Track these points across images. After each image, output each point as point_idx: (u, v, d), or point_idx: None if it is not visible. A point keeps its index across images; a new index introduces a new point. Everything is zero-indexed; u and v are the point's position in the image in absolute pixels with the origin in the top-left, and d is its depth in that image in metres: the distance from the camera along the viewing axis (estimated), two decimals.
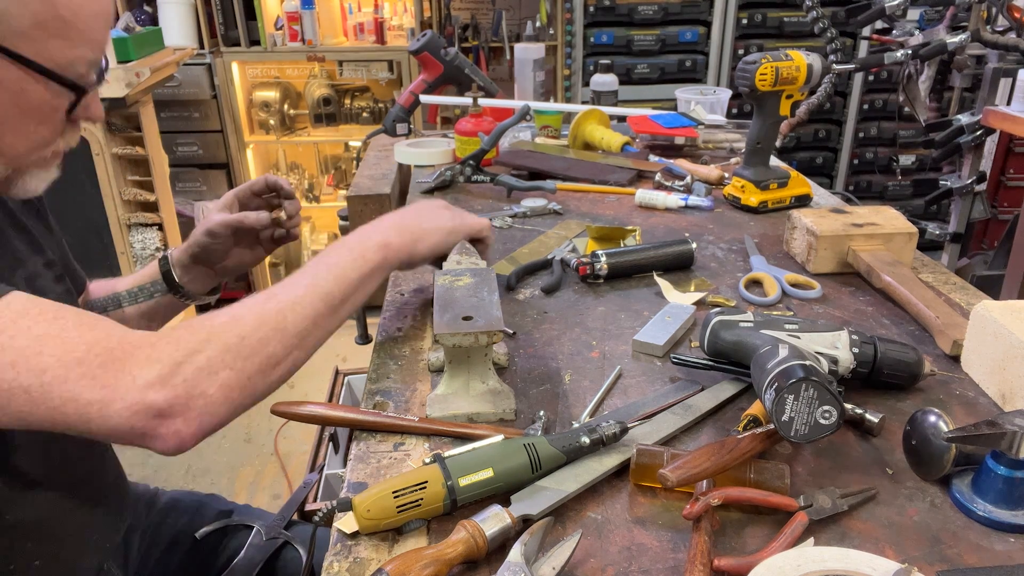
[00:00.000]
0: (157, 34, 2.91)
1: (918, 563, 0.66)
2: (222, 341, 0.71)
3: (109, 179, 2.58)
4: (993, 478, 0.72)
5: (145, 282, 1.10)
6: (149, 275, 1.11)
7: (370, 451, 0.83)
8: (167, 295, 1.10)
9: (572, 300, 1.16)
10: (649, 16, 3.43)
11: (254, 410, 0.75)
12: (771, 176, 1.50)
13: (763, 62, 1.38)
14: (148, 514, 1.15)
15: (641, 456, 0.76)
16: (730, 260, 1.29)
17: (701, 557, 0.65)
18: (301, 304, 0.79)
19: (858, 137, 3.72)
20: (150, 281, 1.10)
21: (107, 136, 2.55)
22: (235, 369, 0.71)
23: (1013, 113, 2.27)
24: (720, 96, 2.23)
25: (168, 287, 1.10)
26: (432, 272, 1.06)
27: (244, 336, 0.72)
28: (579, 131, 1.90)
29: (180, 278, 1.10)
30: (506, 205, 1.55)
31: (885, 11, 2.45)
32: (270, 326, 0.75)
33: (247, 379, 0.72)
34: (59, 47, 0.73)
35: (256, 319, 0.74)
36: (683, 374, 0.96)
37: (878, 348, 0.88)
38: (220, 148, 3.60)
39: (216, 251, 1.09)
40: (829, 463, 0.80)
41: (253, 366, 0.72)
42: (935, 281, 1.20)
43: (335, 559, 0.68)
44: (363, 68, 3.71)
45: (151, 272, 1.11)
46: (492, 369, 0.89)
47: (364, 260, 0.88)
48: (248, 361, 0.72)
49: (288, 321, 0.77)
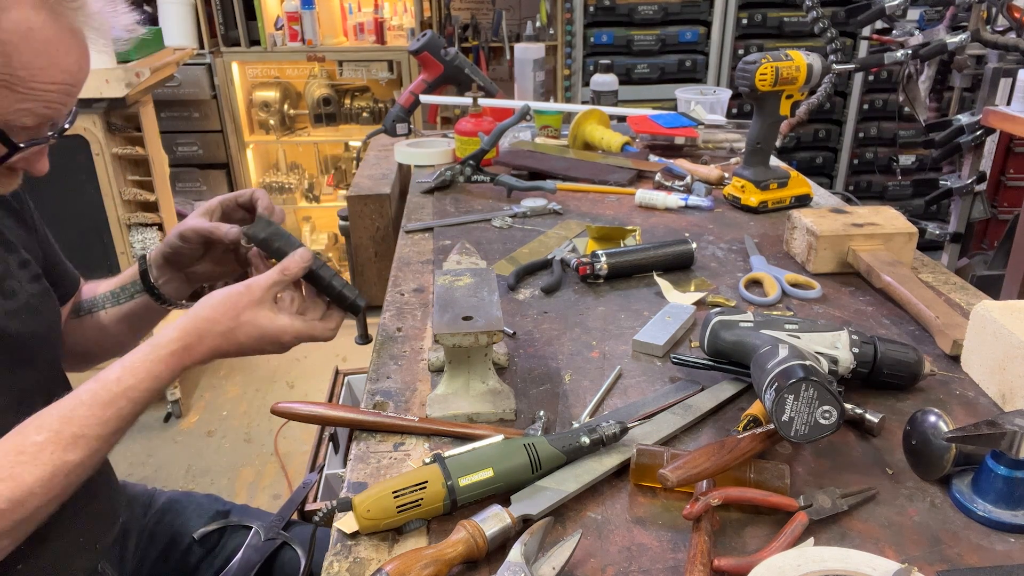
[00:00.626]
0: (157, 34, 2.91)
1: (918, 563, 0.66)
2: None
3: (109, 179, 2.58)
4: (993, 478, 0.72)
5: (127, 282, 1.07)
6: (130, 276, 1.08)
7: (370, 451, 0.83)
8: (144, 296, 1.06)
9: (572, 300, 1.16)
10: (649, 16, 3.43)
11: (254, 410, 0.75)
12: (771, 176, 1.50)
13: (763, 62, 1.38)
14: (145, 514, 1.14)
15: (641, 456, 0.76)
16: (730, 260, 1.29)
17: (701, 557, 0.65)
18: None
19: (858, 137, 3.72)
20: (131, 282, 1.07)
21: (107, 136, 2.54)
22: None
23: (1013, 113, 2.27)
24: (720, 96, 2.23)
25: (145, 288, 1.06)
26: (432, 272, 1.07)
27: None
28: (579, 131, 1.90)
29: (156, 279, 1.05)
30: (506, 205, 1.55)
31: (885, 11, 2.45)
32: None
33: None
34: (3, 97, 0.71)
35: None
36: (683, 374, 0.96)
37: (878, 348, 0.88)
38: (220, 148, 3.60)
39: (186, 256, 1.04)
40: (829, 463, 0.80)
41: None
42: (935, 281, 1.20)
43: (335, 559, 0.68)
44: (363, 68, 3.71)
45: (132, 273, 1.08)
46: (492, 369, 0.89)
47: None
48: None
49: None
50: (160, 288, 1.06)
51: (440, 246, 1.36)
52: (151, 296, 1.06)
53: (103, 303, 1.07)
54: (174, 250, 1.03)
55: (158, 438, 2.91)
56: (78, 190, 2.57)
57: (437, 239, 1.40)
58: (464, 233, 1.43)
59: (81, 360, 1.11)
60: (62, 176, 2.56)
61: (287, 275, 0.88)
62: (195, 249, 1.03)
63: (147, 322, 1.11)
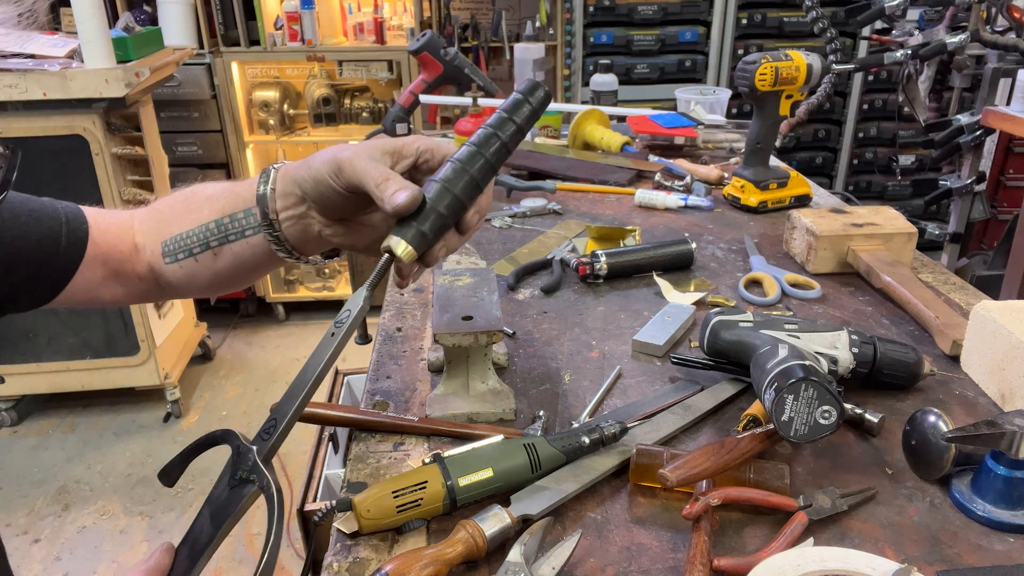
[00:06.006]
0: (157, 34, 2.91)
1: (918, 563, 0.66)
2: None
3: (109, 179, 2.58)
4: (993, 478, 0.72)
5: (225, 214, 0.75)
6: (230, 203, 0.75)
7: (370, 451, 0.83)
8: (256, 236, 0.74)
9: (572, 300, 1.16)
10: (649, 16, 3.43)
11: (254, 410, 0.75)
12: (771, 176, 1.50)
13: (763, 62, 1.38)
14: None
15: (641, 456, 0.76)
16: (730, 260, 1.29)
17: (701, 557, 0.65)
18: None
19: (858, 137, 3.72)
20: (234, 213, 0.74)
21: (107, 136, 2.54)
22: None
23: (1012, 113, 2.27)
24: (720, 96, 2.23)
25: (263, 225, 0.73)
26: (432, 272, 1.06)
27: None
28: (579, 131, 1.90)
29: (277, 214, 0.72)
30: (506, 205, 1.55)
31: (885, 11, 2.46)
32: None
33: None
34: None
35: None
36: (683, 374, 0.96)
37: (878, 348, 0.88)
38: (220, 148, 3.60)
39: (330, 200, 0.71)
40: (829, 463, 0.80)
41: None
42: (935, 281, 1.20)
43: (335, 559, 0.68)
44: (363, 68, 3.71)
45: (233, 198, 0.75)
46: (492, 369, 0.89)
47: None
48: None
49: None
50: (283, 231, 0.73)
51: None
52: (269, 235, 0.73)
53: (173, 250, 0.77)
54: (318, 189, 0.70)
55: (158, 438, 2.91)
56: (78, 190, 2.57)
57: None
58: None
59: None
60: (62, 176, 2.56)
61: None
62: (344, 198, 0.70)
63: (238, 278, 0.80)
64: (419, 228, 0.65)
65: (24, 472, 2.74)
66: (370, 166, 0.67)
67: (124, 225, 0.82)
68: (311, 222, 0.73)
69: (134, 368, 2.85)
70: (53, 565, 2.33)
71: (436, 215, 0.65)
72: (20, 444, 2.90)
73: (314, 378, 0.63)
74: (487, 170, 0.67)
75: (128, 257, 0.81)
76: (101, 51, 2.41)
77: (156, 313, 2.88)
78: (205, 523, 0.61)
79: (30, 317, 2.73)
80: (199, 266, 0.77)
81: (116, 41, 2.49)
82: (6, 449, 2.87)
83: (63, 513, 2.54)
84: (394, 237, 0.65)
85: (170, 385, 2.93)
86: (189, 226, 0.77)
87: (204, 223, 0.76)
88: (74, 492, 2.64)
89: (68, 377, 2.86)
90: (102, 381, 2.88)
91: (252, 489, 0.60)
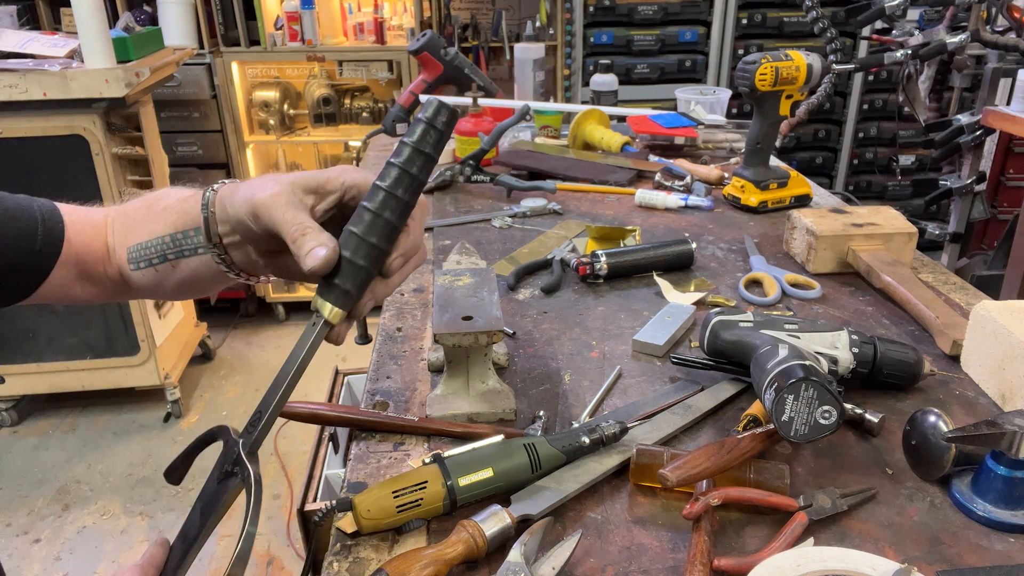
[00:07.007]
0: (157, 34, 2.91)
1: (918, 563, 0.66)
2: None
3: (108, 179, 2.58)
4: (993, 478, 0.72)
5: (178, 230, 0.74)
6: (181, 221, 0.74)
7: (370, 451, 0.83)
8: (203, 255, 0.73)
9: (572, 300, 1.16)
10: (649, 16, 3.43)
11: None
12: (771, 176, 1.50)
13: (763, 62, 1.38)
14: None
15: (641, 456, 0.76)
16: (730, 260, 1.29)
17: (701, 557, 0.65)
18: None
19: (858, 137, 3.72)
20: (184, 231, 0.73)
21: (107, 136, 2.54)
22: None
23: (1013, 113, 2.27)
24: (720, 96, 2.23)
25: (208, 244, 0.72)
26: (432, 272, 1.06)
27: None
28: (579, 131, 1.90)
29: (221, 237, 0.72)
30: (506, 205, 1.55)
31: (885, 11, 2.45)
32: None
33: None
34: None
35: None
36: (683, 374, 0.96)
37: (878, 348, 0.88)
38: (220, 148, 3.60)
39: (251, 235, 0.69)
40: (829, 463, 0.80)
41: None
42: (935, 281, 1.20)
43: (335, 559, 0.68)
44: (363, 68, 3.71)
45: (182, 216, 0.73)
46: (492, 369, 0.89)
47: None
48: None
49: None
50: (230, 253, 0.73)
51: (440, 246, 1.36)
52: (216, 258, 0.72)
53: (135, 258, 0.77)
54: (241, 227, 0.69)
55: (158, 438, 2.91)
56: (77, 190, 2.57)
57: (437, 239, 1.40)
58: (464, 233, 1.43)
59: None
60: (61, 176, 2.56)
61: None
62: (269, 237, 0.67)
63: (199, 288, 0.79)
64: (342, 287, 0.62)
65: (24, 472, 2.74)
66: (287, 215, 0.63)
67: (98, 226, 0.81)
68: (249, 250, 0.71)
69: (134, 368, 2.85)
70: (53, 565, 2.33)
71: (355, 268, 0.62)
72: (20, 444, 2.90)
73: (295, 369, 0.64)
74: (403, 210, 0.63)
75: (101, 259, 0.81)
76: (101, 51, 2.41)
77: (156, 313, 2.88)
78: (196, 517, 0.62)
79: (30, 317, 2.74)
80: (160, 276, 0.77)
81: (116, 41, 2.49)
82: (6, 449, 2.87)
83: (63, 513, 2.54)
84: (319, 299, 0.63)
85: (170, 385, 2.93)
86: (147, 236, 0.76)
87: (160, 236, 0.75)
88: (74, 492, 2.64)
89: (68, 377, 2.86)
90: (102, 381, 2.88)
91: (236, 482, 0.60)
